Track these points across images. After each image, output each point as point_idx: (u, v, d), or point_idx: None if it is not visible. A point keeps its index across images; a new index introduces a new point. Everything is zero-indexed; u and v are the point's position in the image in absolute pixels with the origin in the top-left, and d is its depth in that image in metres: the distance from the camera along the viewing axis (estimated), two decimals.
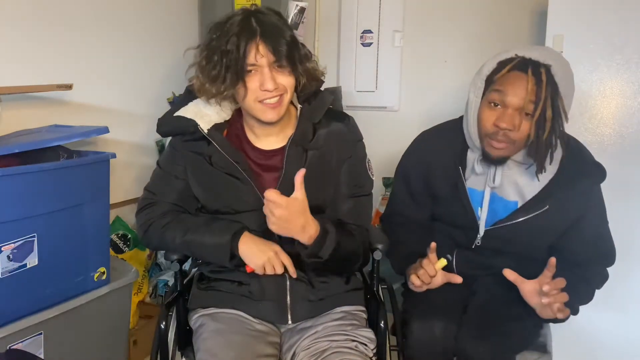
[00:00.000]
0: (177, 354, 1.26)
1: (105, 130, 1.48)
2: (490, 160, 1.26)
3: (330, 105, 1.25)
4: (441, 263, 1.25)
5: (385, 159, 1.97)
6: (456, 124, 1.38)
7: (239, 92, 1.12)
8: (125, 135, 2.02)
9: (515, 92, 1.17)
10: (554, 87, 1.16)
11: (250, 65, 1.08)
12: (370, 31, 2.49)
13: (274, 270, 1.14)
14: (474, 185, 1.33)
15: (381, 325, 1.20)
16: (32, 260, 1.34)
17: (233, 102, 1.24)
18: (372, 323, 1.25)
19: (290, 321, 1.19)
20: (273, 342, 1.17)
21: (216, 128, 1.20)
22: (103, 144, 1.87)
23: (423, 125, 1.51)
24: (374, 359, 1.15)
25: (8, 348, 1.29)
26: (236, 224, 1.17)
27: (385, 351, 1.21)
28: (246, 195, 1.17)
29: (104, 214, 1.54)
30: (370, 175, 1.28)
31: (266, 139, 1.22)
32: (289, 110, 1.20)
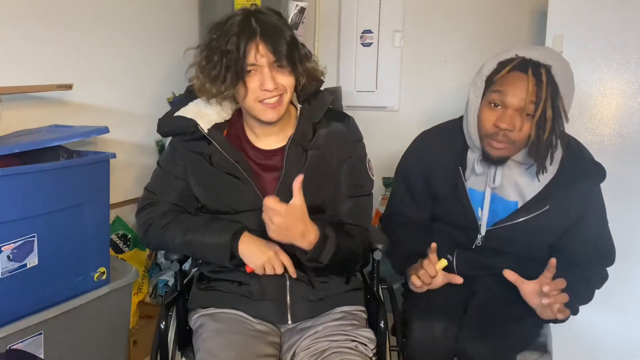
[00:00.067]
0: (177, 354, 1.26)
1: (105, 130, 1.48)
2: (490, 161, 1.26)
3: (330, 105, 1.25)
4: (442, 264, 1.25)
5: (385, 159, 1.97)
6: (456, 124, 1.38)
7: (239, 92, 1.12)
8: (125, 135, 2.01)
9: (516, 93, 1.17)
10: (554, 88, 1.16)
11: (250, 65, 1.08)
12: (370, 31, 2.49)
13: (274, 270, 1.14)
14: (474, 185, 1.33)
15: (381, 326, 1.20)
16: (32, 260, 1.34)
17: (233, 102, 1.24)
18: (372, 323, 1.25)
19: (290, 321, 1.19)
20: (273, 342, 1.17)
21: (216, 128, 1.20)
22: (103, 144, 1.87)
23: (423, 125, 1.51)
24: (373, 359, 1.15)
25: (8, 348, 1.29)
26: (236, 224, 1.17)
27: (385, 351, 1.21)
28: (246, 195, 1.17)
29: (104, 214, 1.54)
30: (371, 175, 1.28)
31: (266, 138, 1.22)
32: (288, 110, 1.20)
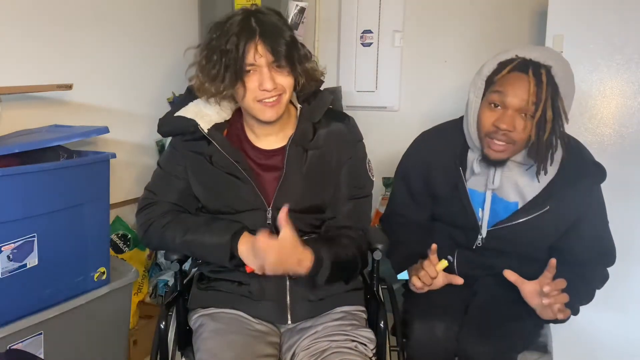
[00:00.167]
0: (177, 354, 1.26)
1: (105, 130, 1.48)
2: (489, 162, 1.26)
3: (330, 105, 1.25)
4: (442, 264, 1.25)
5: (385, 159, 1.97)
6: (456, 124, 1.38)
7: (238, 92, 1.12)
8: (125, 135, 2.01)
9: (516, 94, 1.17)
10: (554, 88, 1.16)
11: (249, 65, 1.08)
12: (370, 31, 2.49)
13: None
14: (474, 186, 1.33)
15: (381, 326, 1.20)
16: (32, 260, 1.34)
17: (233, 102, 1.24)
18: (372, 323, 1.25)
19: (290, 321, 1.19)
20: (273, 342, 1.17)
21: (216, 128, 1.20)
22: (103, 144, 1.87)
23: (423, 125, 1.51)
24: (373, 359, 1.15)
25: (8, 348, 1.29)
26: (236, 224, 1.17)
27: (385, 351, 1.21)
28: (246, 194, 1.17)
29: (104, 214, 1.54)
30: (371, 176, 1.28)
31: (266, 138, 1.22)
32: (288, 110, 1.20)
